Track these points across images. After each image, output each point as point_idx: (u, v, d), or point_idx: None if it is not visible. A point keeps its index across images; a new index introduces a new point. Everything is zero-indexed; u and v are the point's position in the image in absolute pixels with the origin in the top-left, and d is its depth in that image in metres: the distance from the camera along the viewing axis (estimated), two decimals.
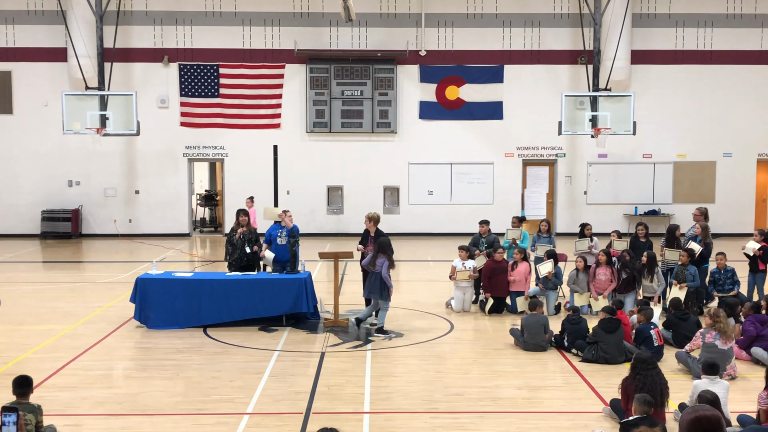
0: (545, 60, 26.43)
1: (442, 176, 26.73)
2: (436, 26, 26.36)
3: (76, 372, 10.48)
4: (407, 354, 11.59)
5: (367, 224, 13.58)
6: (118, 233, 26.10)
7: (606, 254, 14.08)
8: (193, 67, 26.12)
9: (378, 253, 12.65)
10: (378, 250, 12.70)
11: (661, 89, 26.42)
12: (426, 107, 26.52)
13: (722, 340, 10.06)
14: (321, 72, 26.19)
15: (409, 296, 15.80)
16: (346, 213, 26.47)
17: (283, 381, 10.09)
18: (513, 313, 14.14)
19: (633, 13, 25.78)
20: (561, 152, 26.73)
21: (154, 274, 13.37)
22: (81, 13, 24.38)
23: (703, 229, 14.38)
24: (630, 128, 22.08)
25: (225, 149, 26.46)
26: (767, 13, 26.34)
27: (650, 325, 11.19)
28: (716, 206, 26.32)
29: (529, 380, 10.22)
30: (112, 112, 21.94)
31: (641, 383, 8.03)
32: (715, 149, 26.75)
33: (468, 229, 23.87)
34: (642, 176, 26.78)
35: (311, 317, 13.39)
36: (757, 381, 9.71)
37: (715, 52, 26.47)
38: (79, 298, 15.92)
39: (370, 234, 13.50)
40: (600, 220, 24.12)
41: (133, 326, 13.06)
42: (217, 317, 12.93)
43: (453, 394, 9.58)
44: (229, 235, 14.32)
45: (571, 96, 22.54)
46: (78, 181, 26.36)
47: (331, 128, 26.31)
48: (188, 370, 10.56)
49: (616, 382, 8.84)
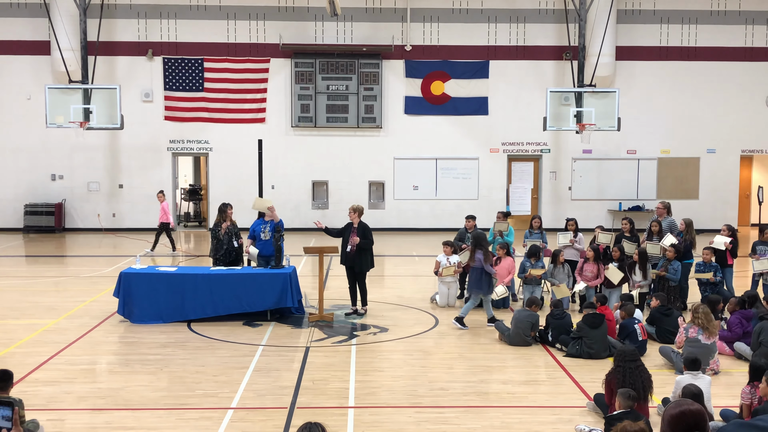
0: (530, 56, 26.48)
1: (428, 171, 26.74)
2: (422, 21, 26.35)
3: (59, 366, 10.42)
4: (392, 349, 11.59)
5: (352, 216, 13.56)
6: (101, 227, 25.97)
7: (594, 250, 14.10)
8: (177, 60, 26.00)
9: (476, 248, 12.83)
10: (475, 244, 12.96)
11: (646, 85, 26.54)
12: (411, 102, 26.51)
13: (705, 335, 10.11)
14: (306, 66, 26.13)
15: (393, 291, 15.81)
16: (331, 208, 26.44)
17: (267, 376, 10.06)
18: (497, 308, 14.16)
19: (618, 9, 25.87)
20: (546, 148, 26.79)
21: (138, 268, 13.31)
22: (64, 6, 24.21)
23: (688, 225, 14.46)
24: (614, 124, 22.18)
25: (209, 143, 26.37)
26: (751, 10, 26.50)
27: (634, 320, 11.25)
28: (700, 202, 26.54)
29: (514, 375, 10.25)
30: (96, 106, 21.80)
31: (624, 377, 8.06)
32: (698, 145, 26.90)
33: (453, 224, 23.94)
34: (626, 172, 26.89)
35: (296, 312, 13.36)
36: (740, 376, 9.78)
37: (699, 49, 26.59)
38: (63, 292, 15.83)
39: (354, 226, 13.49)
40: (584, 215, 24.24)
41: (116, 321, 13.00)
42: (202, 312, 12.88)
43: (438, 389, 9.58)
44: (214, 230, 14.25)
45: (556, 92, 22.59)
46: (61, 175, 26.20)
47: (317, 123, 26.26)
48: (172, 365, 10.52)
49: (599, 376, 8.87)
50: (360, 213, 13.59)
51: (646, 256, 13.83)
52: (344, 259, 13.55)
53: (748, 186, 28.18)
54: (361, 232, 13.41)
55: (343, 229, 13.67)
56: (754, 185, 27.86)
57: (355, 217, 13.54)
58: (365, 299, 13.76)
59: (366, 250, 13.50)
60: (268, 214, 14.01)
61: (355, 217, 13.54)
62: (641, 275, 13.75)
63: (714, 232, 23.96)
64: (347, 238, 13.45)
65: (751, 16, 26.53)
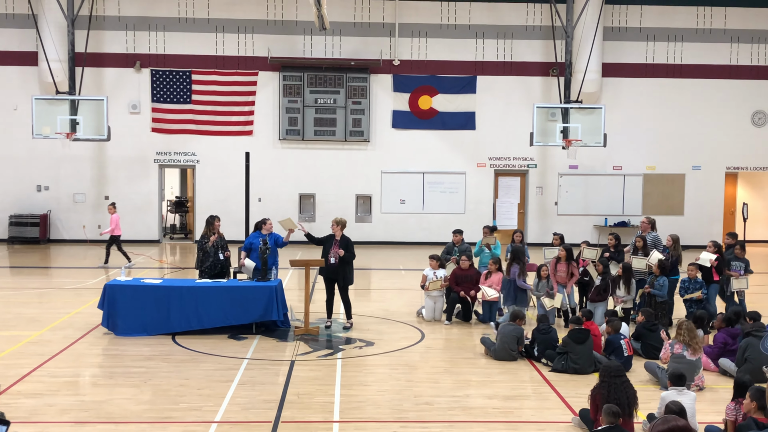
0: (517, 71, 26.60)
1: (415, 185, 26.78)
2: (410, 36, 26.44)
3: (41, 379, 10.33)
4: (377, 363, 11.56)
5: (335, 228, 13.52)
6: (86, 239, 25.83)
7: (567, 250, 14.31)
8: (165, 72, 25.98)
9: (513, 262, 12.94)
10: (513, 258, 13.14)
11: (632, 102, 26.70)
12: (399, 116, 26.57)
13: (690, 351, 10.13)
14: (294, 80, 26.17)
15: (380, 305, 15.79)
16: (318, 221, 26.39)
17: (252, 389, 10.01)
18: (483, 322, 14.17)
19: (604, 26, 26.05)
20: (532, 163, 26.89)
21: (123, 280, 13.24)
22: (52, 17, 24.16)
23: (675, 240, 14.51)
24: (600, 140, 22.29)
25: (196, 156, 26.33)
26: (736, 29, 26.74)
27: (620, 335, 11.26)
28: (685, 218, 26.67)
29: (499, 390, 10.23)
30: (83, 117, 21.76)
31: (609, 393, 8.06)
32: (684, 162, 27.06)
33: (440, 238, 23.97)
34: (612, 188, 27.01)
35: (281, 325, 13.32)
36: (725, 392, 9.80)
37: (685, 66, 26.80)
38: (46, 304, 15.72)
39: (336, 238, 13.46)
40: (570, 230, 24.23)
41: (100, 333, 12.91)
42: (186, 325, 12.80)
43: (423, 404, 9.56)
44: (201, 242, 14.19)
45: (542, 107, 22.70)
46: (47, 186, 26.09)
47: (304, 136, 26.28)
48: (156, 378, 10.45)
49: (585, 392, 8.87)
50: (343, 226, 13.55)
51: (630, 271, 13.86)
52: (326, 271, 13.52)
53: (733, 202, 28.35)
54: (343, 245, 13.39)
55: (324, 239, 13.63)
56: (738, 202, 28.03)
57: (337, 230, 13.49)
58: (350, 313, 13.74)
59: (349, 263, 13.50)
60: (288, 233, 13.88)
61: (337, 230, 13.49)
62: (625, 290, 13.77)
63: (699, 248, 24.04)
64: (328, 249, 13.41)
65: (736, 35, 26.77)
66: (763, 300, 16.34)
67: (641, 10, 26.64)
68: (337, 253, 13.24)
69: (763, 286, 18.71)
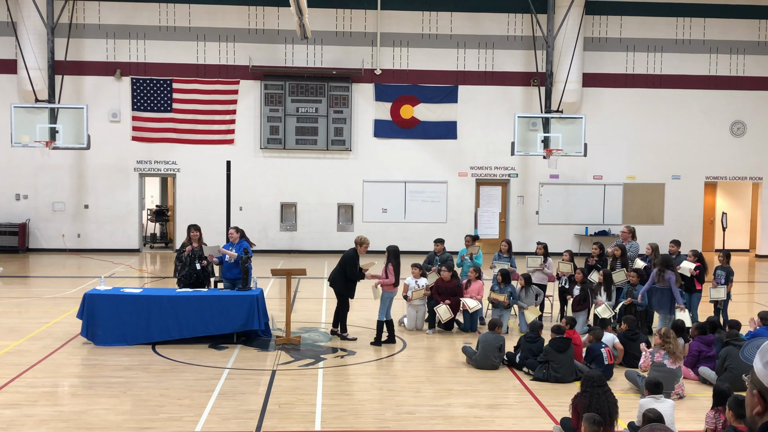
0: (499, 81, 26.70)
1: (397, 194, 26.79)
2: (392, 46, 26.49)
3: (20, 389, 10.23)
4: (359, 372, 11.54)
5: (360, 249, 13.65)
6: (66, 248, 25.65)
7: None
8: (145, 81, 25.87)
9: (666, 268, 13.18)
10: (666, 265, 13.27)
11: (612, 112, 26.86)
12: (381, 126, 26.60)
13: (671, 360, 10.18)
14: (276, 89, 26.14)
15: (361, 314, 15.74)
16: (299, 230, 26.36)
17: (233, 399, 9.96)
18: (465, 331, 14.17)
19: (585, 36, 26.22)
20: (514, 172, 26.98)
21: (103, 289, 13.14)
22: (32, 24, 24.00)
23: (654, 249, 14.60)
24: (581, 150, 22.40)
25: (177, 164, 26.21)
26: (715, 39, 26.98)
27: (601, 344, 11.30)
28: (665, 227, 26.81)
29: (481, 399, 10.23)
30: (62, 126, 21.61)
31: (590, 402, 8.08)
32: (663, 171, 27.23)
33: (422, 247, 23.94)
34: (593, 197, 27.14)
35: (262, 334, 13.27)
36: (705, 400, 9.85)
37: (665, 77, 27.00)
38: (25, 313, 15.57)
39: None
40: (551, 239, 24.26)
41: (80, 343, 12.80)
42: (167, 334, 12.72)
43: (405, 413, 9.54)
44: (179, 251, 14.14)
45: (523, 117, 22.79)
46: (26, 194, 25.88)
47: (286, 145, 26.23)
48: (136, 388, 10.37)
49: (566, 400, 8.89)
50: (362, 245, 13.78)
51: (610, 278, 13.93)
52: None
53: (712, 212, 28.57)
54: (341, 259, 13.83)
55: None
56: (718, 211, 28.25)
57: (362, 250, 13.67)
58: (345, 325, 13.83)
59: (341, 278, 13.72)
60: (233, 238, 13.96)
61: (362, 250, 13.67)
62: (606, 296, 13.84)
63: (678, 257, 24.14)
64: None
65: (715, 45, 27.02)
66: (742, 308, 16.46)
67: (621, 21, 26.85)
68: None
69: (742, 295, 18.85)
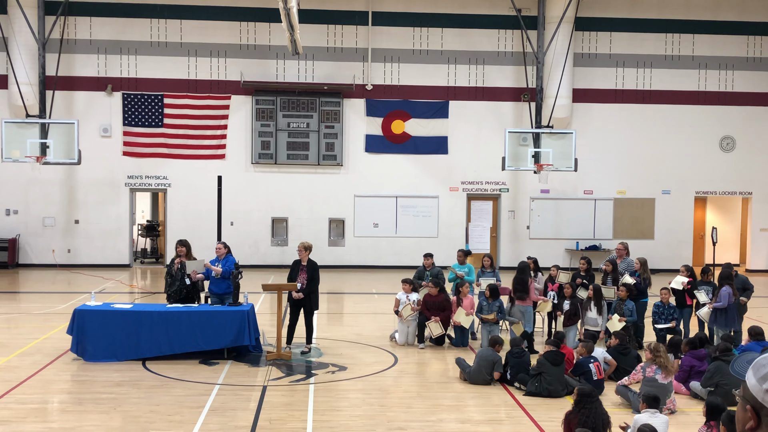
0: (489, 96, 26.80)
1: (388, 209, 26.80)
2: (383, 61, 26.57)
3: (9, 405, 10.17)
4: (350, 388, 11.51)
5: (302, 254, 13.57)
6: (56, 263, 25.55)
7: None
8: (137, 96, 25.86)
9: (725, 283, 13.20)
10: (725, 278, 13.28)
11: (602, 127, 26.97)
12: (372, 141, 26.63)
13: (662, 375, 10.19)
14: (267, 104, 26.16)
15: (353, 329, 15.74)
16: (290, 245, 26.28)
17: (223, 415, 9.92)
18: (456, 346, 14.16)
19: (575, 52, 26.35)
20: (504, 187, 27.04)
21: (93, 305, 13.09)
22: (23, 40, 23.98)
23: (642, 264, 14.65)
24: (571, 165, 22.49)
25: (168, 179, 26.17)
26: (704, 55, 27.15)
27: (590, 358, 11.29)
28: (655, 242, 26.89)
29: (472, 414, 10.22)
30: (53, 141, 21.60)
31: (584, 417, 8.08)
32: (654, 186, 27.33)
33: (413, 262, 23.90)
34: (583, 212, 27.20)
35: (253, 350, 13.23)
36: (696, 415, 9.86)
37: (654, 92, 27.15)
38: (14, 329, 15.50)
39: (302, 263, 13.50)
40: (542, 254, 24.31)
41: (69, 359, 12.74)
42: (157, 350, 12.68)
43: (396, 429, 9.52)
44: (169, 267, 14.10)
45: (514, 132, 22.88)
46: (16, 209, 25.79)
47: (277, 160, 26.24)
48: (126, 404, 10.32)
49: (558, 415, 8.89)
50: (309, 250, 13.63)
51: (600, 293, 13.95)
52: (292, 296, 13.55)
53: (702, 227, 28.67)
54: (310, 270, 13.49)
55: (291, 269, 13.68)
56: (708, 226, 28.34)
57: (305, 255, 13.56)
58: (311, 338, 13.76)
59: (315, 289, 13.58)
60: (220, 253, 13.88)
61: (305, 255, 13.56)
62: (596, 311, 13.85)
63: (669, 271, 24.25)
64: (295, 275, 13.52)
65: (704, 61, 27.19)
66: None
67: (611, 37, 27.00)
68: (301, 283, 13.29)
69: None
